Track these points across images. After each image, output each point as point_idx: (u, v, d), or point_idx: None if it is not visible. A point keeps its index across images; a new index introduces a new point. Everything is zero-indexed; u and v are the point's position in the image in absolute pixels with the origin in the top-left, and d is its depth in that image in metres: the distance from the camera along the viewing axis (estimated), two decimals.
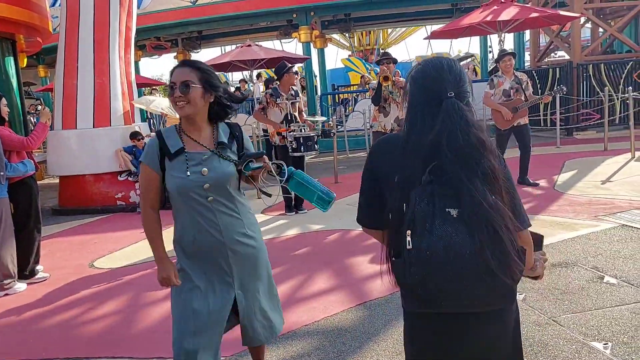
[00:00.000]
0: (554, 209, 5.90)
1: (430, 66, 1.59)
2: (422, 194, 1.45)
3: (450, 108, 1.49)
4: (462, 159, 1.45)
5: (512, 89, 6.96)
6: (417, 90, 1.59)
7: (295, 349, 3.24)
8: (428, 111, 1.53)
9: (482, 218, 1.40)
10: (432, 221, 1.42)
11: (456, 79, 1.55)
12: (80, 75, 7.97)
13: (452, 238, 1.41)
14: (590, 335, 3.09)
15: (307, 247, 5.33)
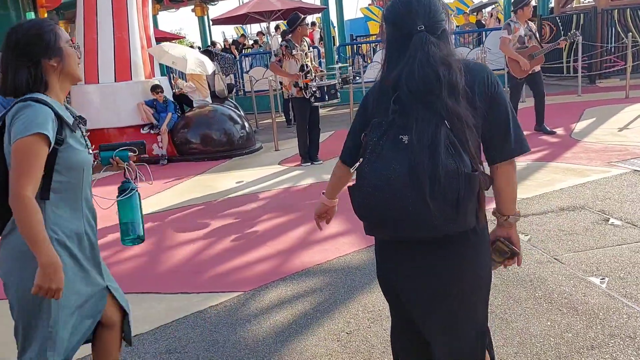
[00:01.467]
0: (568, 156, 5.94)
1: (398, 2, 1.58)
2: (381, 122, 1.52)
3: (418, 42, 1.50)
4: (417, 95, 1.47)
5: (527, 36, 6.88)
6: (389, 28, 1.60)
7: (309, 284, 3.47)
8: (401, 48, 1.54)
9: (418, 146, 1.43)
10: (382, 147, 1.48)
11: (426, 11, 1.53)
12: (100, 29, 8.08)
13: (393, 161, 1.44)
14: (589, 272, 3.23)
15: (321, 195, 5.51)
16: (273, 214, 5.05)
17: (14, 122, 1.71)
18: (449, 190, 1.42)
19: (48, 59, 1.82)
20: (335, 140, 8.62)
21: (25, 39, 1.79)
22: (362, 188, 1.50)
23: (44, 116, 1.71)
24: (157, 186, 6.61)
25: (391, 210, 1.47)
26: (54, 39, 1.83)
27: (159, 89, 8.28)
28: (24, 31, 1.81)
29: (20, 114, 1.71)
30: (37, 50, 1.80)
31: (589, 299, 2.92)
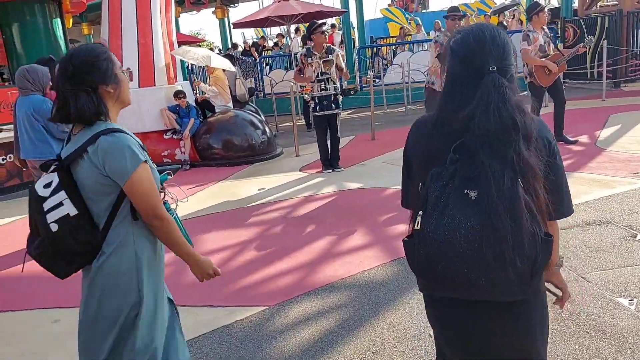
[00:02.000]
0: (593, 166, 5.87)
1: (471, 37, 1.46)
2: (441, 173, 1.40)
3: (490, 84, 1.39)
4: (489, 140, 1.35)
5: (546, 44, 6.77)
6: (456, 62, 1.48)
7: (333, 299, 3.49)
8: (467, 86, 1.44)
9: (496, 204, 1.31)
10: (446, 202, 1.36)
11: (499, 52, 1.44)
12: (124, 36, 8.20)
13: (462, 222, 1.34)
14: (617, 292, 3.20)
15: (343, 205, 5.53)
16: (295, 224, 5.08)
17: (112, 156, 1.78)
18: (529, 254, 1.34)
19: (105, 85, 1.88)
20: (356, 145, 8.64)
21: (83, 67, 1.85)
22: (426, 246, 1.39)
23: (135, 145, 1.85)
24: (183, 192, 6.69)
25: (463, 273, 1.36)
26: (110, 66, 1.90)
27: (182, 95, 8.37)
28: (80, 59, 1.86)
29: (116, 148, 1.79)
30: (95, 78, 1.86)
31: (618, 322, 2.89)
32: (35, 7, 8.58)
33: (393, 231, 4.55)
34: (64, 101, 1.83)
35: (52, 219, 1.78)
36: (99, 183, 1.81)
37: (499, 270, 1.33)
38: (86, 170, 1.81)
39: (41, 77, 4.53)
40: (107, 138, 1.80)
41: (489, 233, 1.31)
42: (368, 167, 6.98)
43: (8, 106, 7.67)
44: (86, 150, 1.80)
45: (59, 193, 1.80)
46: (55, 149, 4.59)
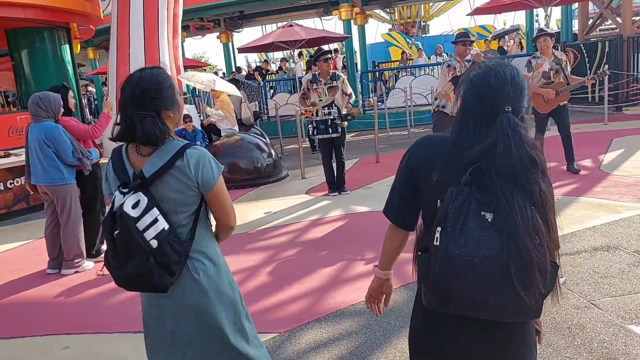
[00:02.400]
0: (598, 191, 5.90)
1: (492, 74, 1.51)
2: (459, 192, 1.43)
3: (506, 123, 1.45)
4: (511, 175, 1.42)
5: (552, 70, 6.65)
6: (473, 95, 1.53)
7: (344, 326, 3.49)
8: (481, 120, 1.50)
9: (515, 229, 1.36)
10: (464, 221, 1.39)
11: (517, 93, 1.50)
12: (132, 62, 8.33)
13: (481, 242, 1.37)
14: (628, 319, 3.20)
15: (351, 229, 5.55)
16: (303, 248, 5.10)
17: (203, 166, 1.97)
18: (539, 280, 1.39)
19: (166, 110, 2.00)
20: (361, 167, 8.69)
21: (149, 94, 1.95)
22: (443, 263, 1.41)
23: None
24: None
25: (479, 293, 1.39)
26: (172, 92, 2.03)
27: (189, 119, 8.46)
28: (147, 86, 1.96)
29: (205, 159, 1.98)
30: (159, 104, 1.97)
31: (631, 350, 2.89)
32: (45, 33, 8.73)
33: (402, 256, 4.55)
34: (130, 124, 1.95)
35: (150, 236, 1.88)
36: (186, 195, 1.96)
37: (516, 293, 1.37)
38: (174, 183, 1.94)
39: (53, 104, 4.62)
40: (194, 151, 1.97)
41: (515, 258, 1.35)
42: (374, 190, 7.02)
43: (16, 131, 7.76)
44: (174, 165, 1.93)
45: (152, 210, 1.89)
46: (65, 174, 4.66)
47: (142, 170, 1.93)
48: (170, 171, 1.93)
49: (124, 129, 1.98)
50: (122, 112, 1.97)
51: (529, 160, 1.43)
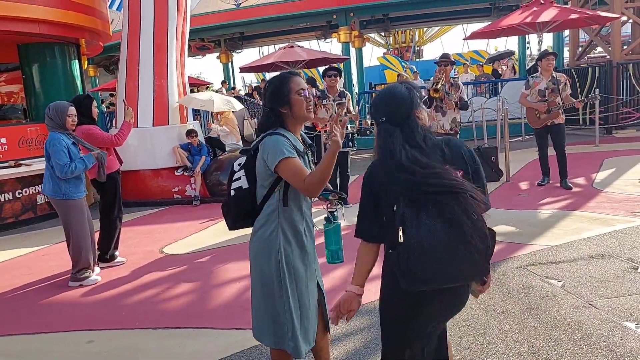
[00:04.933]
0: (592, 206, 6.16)
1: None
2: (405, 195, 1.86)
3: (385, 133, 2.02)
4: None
5: (548, 89, 7.04)
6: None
7: (356, 323, 3.68)
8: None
9: (457, 211, 1.79)
10: (419, 217, 1.78)
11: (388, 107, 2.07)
12: (141, 78, 8.58)
13: (436, 228, 1.76)
14: (623, 317, 3.42)
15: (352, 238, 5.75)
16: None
17: (265, 147, 2.32)
18: (484, 244, 1.82)
19: (280, 106, 2.40)
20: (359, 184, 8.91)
21: (268, 93, 2.43)
22: (411, 253, 1.78)
23: (282, 142, 2.31)
24: (194, 226, 6.91)
25: (441, 266, 1.80)
26: (287, 91, 2.39)
27: (194, 134, 8.69)
28: (268, 85, 2.47)
29: (270, 144, 2.32)
30: (274, 100, 2.40)
31: (626, 342, 3.10)
32: (55, 48, 8.98)
33: None
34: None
35: (233, 187, 2.43)
36: (263, 168, 2.35)
37: (468, 256, 1.79)
38: (258, 159, 2.37)
39: (57, 113, 4.52)
40: (268, 137, 2.35)
41: (457, 231, 1.77)
42: None
43: (27, 142, 7.94)
44: (259, 145, 2.37)
45: (240, 171, 2.43)
46: (62, 188, 4.57)
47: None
48: (258, 148, 2.43)
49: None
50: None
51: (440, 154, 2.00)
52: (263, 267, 2.41)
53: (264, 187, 2.39)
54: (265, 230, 2.39)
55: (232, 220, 2.49)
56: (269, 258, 2.39)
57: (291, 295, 2.40)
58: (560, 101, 7.05)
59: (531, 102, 7.12)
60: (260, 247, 2.41)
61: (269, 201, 2.39)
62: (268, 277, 2.40)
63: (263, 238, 2.40)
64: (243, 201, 2.41)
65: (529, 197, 6.91)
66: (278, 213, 2.39)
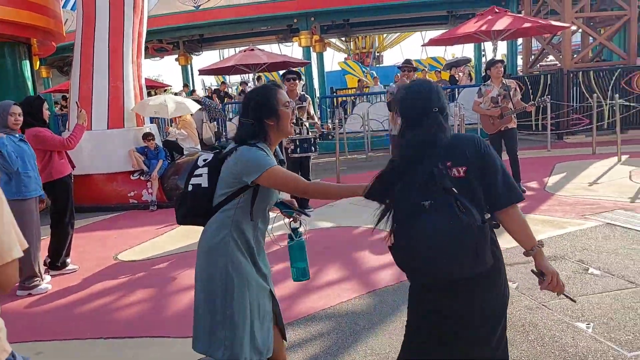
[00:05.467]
0: (544, 209, 6.35)
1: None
2: (401, 192, 1.93)
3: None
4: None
5: (500, 96, 7.20)
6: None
7: (315, 329, 3.66)
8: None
9: (444, 207, 1.85)
10: (413, 213, 1.88)
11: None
12: (96, 79, 8.33)
13: (426, 224, 1.84)
14: (575, 317, 3.52)
15: (317, 243, 5.73)
16: (270, 261, 5.22)
17: (242, 158, 2.27)
18: (470, 241, 1.84)
19: (267, 118, 2.34)
20: None
21: (253, 103, 2.36)
22: (407, 247, 1.91)
23: (262, 154, 2.29)
24: (150, 232, 6.74)
25: (430, 260, 1.89)
26: (275, 103, 2.35)
27: (151, 137, 8.50)
28: (253, 95, 2.40)
29: (246, 154, 2.28)
30: (261, 111, 2.34)
31: (578, 343, 3.19)
32: (5, 47, 8.63)
33: (366, 266, 4.79)
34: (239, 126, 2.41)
35: (192, 182, 2.39)
36: (229, 177, 2.31)
37: (456, 251, 1.85)
38: (227, 166, 2.32)
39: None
40: (246, 149, 2.28)
41: (445, 228, 1.84)
42: (336, 208, 7.25)
43: None
44: (233, 152, 2.32)
45: (204, 168, 2.38)
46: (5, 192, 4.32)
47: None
48: (230, 155, 2.39)
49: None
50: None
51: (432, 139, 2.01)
52: (210, 270, 2.34)
53: (223, 194, 2.35)
54: (216, 235, 2.33)
55: (182, 214, 2.44)
56: (216, 263, 2.32)
57: (236, 303, 2.30)
58: (512, 106, 7.22)
59: (484, 109, 7.25)
60: (209, 251, 2.35)
61: (225, 207, 2.33)
62: (213, 282, 2.33)
63: (213, 242, 2.34)
64: (199, 199, 2.37)
65: None
66: (232, 221, 2.33)
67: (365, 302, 4.02)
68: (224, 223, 2.33)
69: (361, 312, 3.84)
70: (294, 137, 6.87)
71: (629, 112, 11.87)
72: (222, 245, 2.31)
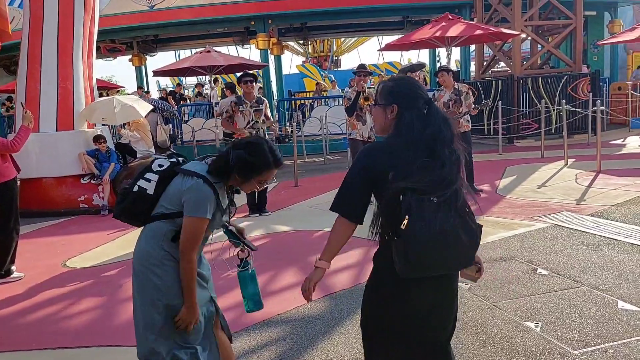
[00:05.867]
0: (495, 211, 6.53)
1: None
2: (413, 187, 1.89)
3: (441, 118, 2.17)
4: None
5: (451, 101, 7.46)
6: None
7: (271, 334, 3.63)
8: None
9: (452, 204, 1.90)
10: (423, 208, 1.85)
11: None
12: (44, 80, 8.03)
13: (436, 219, 1.84)
14: (524, 317, 3.63)
15: (273, 247, 5.70)
16: (225, 266, 5.15)
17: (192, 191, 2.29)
18: (477, 235, 1.99)
19: (239, 174, 2.38)
20: (280, 191, 8.90)
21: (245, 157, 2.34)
22: (417, 241, 1.85)
23: (210, 200, 2.32)
24: (101, 238, 6.54)
25: (442, 255, 1.90)
26: (255, 174, 2.40)
27: (102, 139, 8.26)
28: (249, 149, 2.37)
29: (199, 189, 2.30)
30: (241, 168, 2.35)
31: (527, 342, 3.29)
32: None
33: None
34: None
35: (139, 183, 2.35)
36: (175, 197, 2.31)
37: (467, 248, 1.95)
38: (177, 183, 2.33)
39: None
40: (203, 185, 2.27)
41: (459, 223, 1.90)
42: (294, 212, 7.24)
43: None
44: (193, 176, 2.30)
45: (155, 175, 2.35)
46: None
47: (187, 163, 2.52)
48: (184, 176, 2.39)
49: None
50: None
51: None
52: (141, 279, 2.35)
53: (165, 208, 2.35)
54: (151, 244, 2.34)
55: (120, 210, 2.42)
56: (149, 271, 2.33)
57: (166, 309, 2.33)
58: (464, 110, 7.46)
59: None
60: (142, 259, 2.36)
61: (165, 220, 2.34)
62: (146, 290, 2.34)
63: (147, 250, 2.35)
64: (139, 203, 2.36)
65: None
66: (169, 232, 2.35)
67: (321, 306, 4.02)
68: (160, 234, 2.34)
69: (317, 316, 3.84)
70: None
71: (575, 117, 12.38)
72: (155, 254, 2.32)
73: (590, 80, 12.76)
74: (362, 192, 2.03)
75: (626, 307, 3.66)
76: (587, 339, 3.26)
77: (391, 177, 1.93)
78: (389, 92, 2.12)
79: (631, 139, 12.36)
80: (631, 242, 5.01)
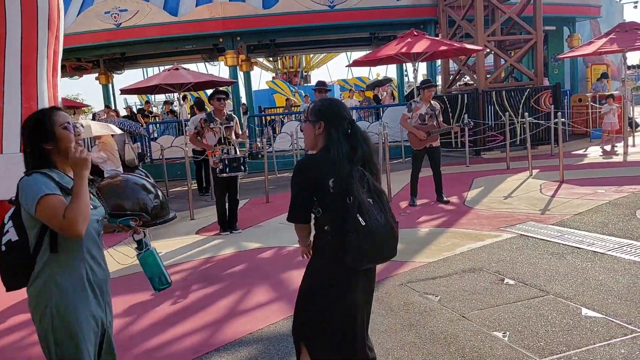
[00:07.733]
0: (463, 222, 6.65)
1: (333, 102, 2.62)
2: (358, 189, 2.31)
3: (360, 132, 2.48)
4: (372, 168, 2.47)
5: (427, 115, 7.69)
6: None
7: (243, 353, 3.61)
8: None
9: (385, 204, 2.39)
10: (367, 206, 2.28)
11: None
12: (7, 99, 7.84)
13: (376, 215, 2.29)
14: (492, 327, 3.70)
15: (245, 264, 5.68)
16: (197, 285, 5.12)
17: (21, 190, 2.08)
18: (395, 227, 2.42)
19: (44, 142, 2.15)
20: (251, 207, 8.87)
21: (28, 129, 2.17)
22: (368, 235, 2.25)
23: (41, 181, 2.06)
24: None
25: (382, 246, 2.34)
26: (50, 125, 2.15)
27: None
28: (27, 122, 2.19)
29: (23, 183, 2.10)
30: (36, 137, 2.15)
31: (495, 352, 3.35)
32: None
33: (295, 285, 4.75)
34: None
35: (3, 241, 2.13)
36: (26, 215, 2.08)
37: (394, 240, 2.39)
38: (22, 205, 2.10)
39: None
40: (25, 178, 2.11)
41: (391, 221, 2.36)
42: (265, 228, 7.22)
43: None
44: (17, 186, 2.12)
45: (9, 222, 2.14)
46: None
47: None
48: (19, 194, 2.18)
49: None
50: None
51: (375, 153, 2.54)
52: (38, 328, 2.14)
53: (33, 237, 2.10)
54: (35, 287, 2.11)
55: (9, 279, 2.15)
56: (42, 319, 2.10)
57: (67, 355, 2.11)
58: (439, 126, 7.68)
59: (411, 126, 7.64)
60: (33, 307, 2.13)
61: (40, 252, 2.10)
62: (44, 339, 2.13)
63: (34, 296, 2.12)
64: (13, 256, 2.10)
65: (409, 215, 7.29)
66: (49, 263, 2.10)
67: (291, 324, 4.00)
68: (43, 270, 2.10)
69: (289, 334, 3.81)
70: (222, 157, 6.78)
71: (538, 129, 12.74)
72: (43, 297, 2.09)
73: (551, 93, 13.17)
74: (308, 200, 2.41)
75: (589, 314, 3.77)
76: (552, 346, 3.34)
77: (332, 184, 2.31)
78: (318, 110, 2.47)
79: (592, 148, 12.79)
80: (594, 250, 5.16)
